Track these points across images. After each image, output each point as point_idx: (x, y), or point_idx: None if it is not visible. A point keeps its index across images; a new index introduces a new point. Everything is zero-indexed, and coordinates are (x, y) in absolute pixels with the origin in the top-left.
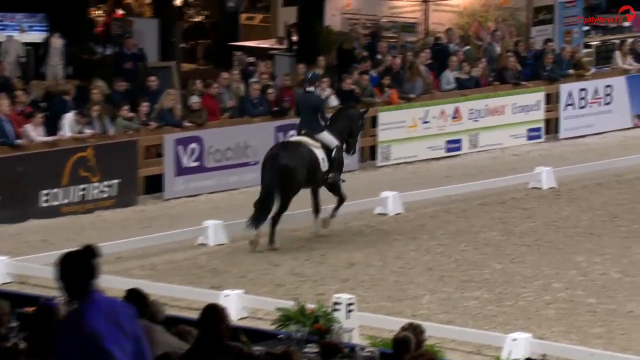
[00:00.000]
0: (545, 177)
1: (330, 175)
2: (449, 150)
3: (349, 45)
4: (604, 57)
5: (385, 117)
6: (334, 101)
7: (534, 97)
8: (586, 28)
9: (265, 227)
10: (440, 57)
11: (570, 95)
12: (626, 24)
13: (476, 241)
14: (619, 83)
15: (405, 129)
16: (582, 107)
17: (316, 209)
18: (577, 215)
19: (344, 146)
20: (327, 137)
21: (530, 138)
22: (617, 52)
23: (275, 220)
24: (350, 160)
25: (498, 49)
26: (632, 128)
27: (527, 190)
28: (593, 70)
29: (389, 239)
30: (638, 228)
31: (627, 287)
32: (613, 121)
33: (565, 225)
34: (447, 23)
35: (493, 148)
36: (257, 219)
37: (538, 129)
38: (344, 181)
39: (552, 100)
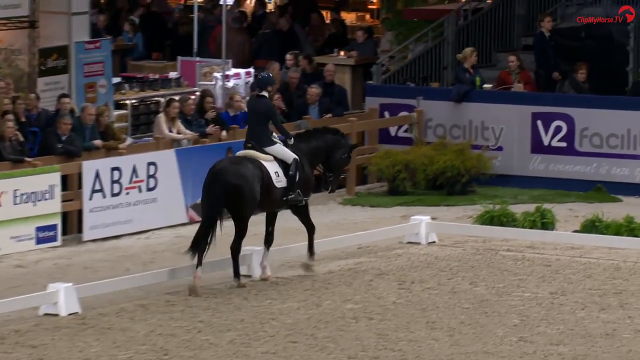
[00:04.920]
0: (64, 298)
1: (290, 196)
2: None
3: None
4: (144, 122)
5: None
6: None
7: (45, 180)
8: (117, 80)
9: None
10: None
11: (97, 177)
12: (173, 74)
13: None
14: (167, 160)
15: None
16: (116, 195)
17: (268, 239)
18: (112, 353)
19: (323, 180)
20: (280, 150)
21: (40, 241)
22: (162, 115)
23: (235, 250)
24: None
25: None
26: (188, 224)
27: (38, 318)
28: (129, 140)
29: None
30: None
31: None
32: (160, 214)
33: None
34: None
35: None
36: (195, 251)
37: (52, 227)
38: (306, 199)
39: (71, 185)
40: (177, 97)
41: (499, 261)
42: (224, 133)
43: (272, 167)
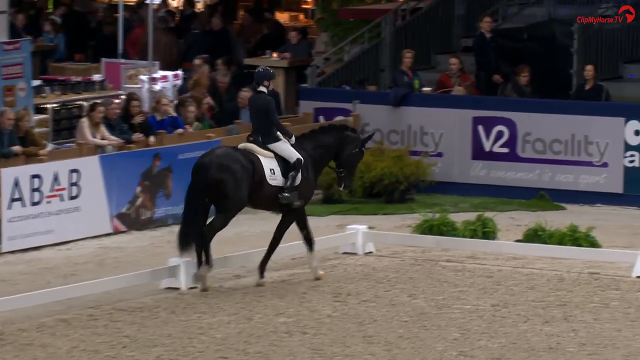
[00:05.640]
0: None
1: (285, 194)
2: None
3: None
4: (66, 127)
5: None
6: None
7: None
8: (37, 83)
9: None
10: None
11: (16, 185)
12: (97, 77)
13: None
14: (91, 167)
15: None
16: (36, 204)
17: (308, 240)
18: None
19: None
20: (283, 148)
21: None
22: (85, 119)
23: (207, 236)
24: None
25: None
26: (112, 234)
27: None
28: (50, 147)
29: None
30: None
31: None
32: (83, 224)
33: None
34: None
35: None
36: (183, 245)
37: None
38: (302, 203)
39: None
40: (100, 101)
41: (438, 272)
42: (151, 138)
43: (268, 164)
